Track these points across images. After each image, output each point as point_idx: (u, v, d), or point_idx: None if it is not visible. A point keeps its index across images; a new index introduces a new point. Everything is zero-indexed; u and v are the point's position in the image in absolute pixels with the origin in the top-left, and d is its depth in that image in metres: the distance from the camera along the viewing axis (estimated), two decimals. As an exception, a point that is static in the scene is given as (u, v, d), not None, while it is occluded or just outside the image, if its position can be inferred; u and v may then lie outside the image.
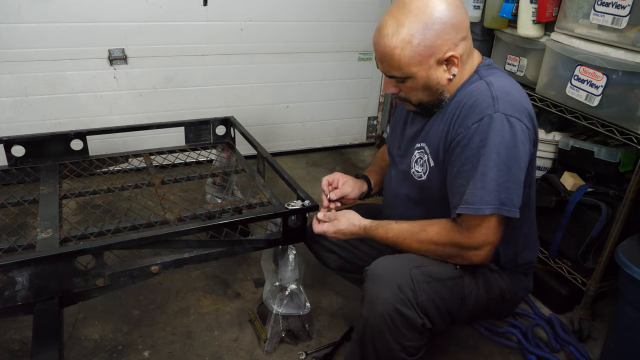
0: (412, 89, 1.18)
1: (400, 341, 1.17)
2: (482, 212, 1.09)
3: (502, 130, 1.08)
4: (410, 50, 1.10)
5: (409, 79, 1.16)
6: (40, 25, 2.31)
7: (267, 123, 3.01)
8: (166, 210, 1.59)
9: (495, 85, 1.13)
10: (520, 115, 1.11)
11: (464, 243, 1.16)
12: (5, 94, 2.39)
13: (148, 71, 2.60)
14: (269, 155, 1.77)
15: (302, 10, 2.77)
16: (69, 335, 1.66)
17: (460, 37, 1.12)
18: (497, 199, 1.09)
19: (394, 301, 1.14)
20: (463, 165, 1.13)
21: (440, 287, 1.20)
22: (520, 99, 1.15)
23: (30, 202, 1.61)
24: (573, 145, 1.81)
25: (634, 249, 1.48)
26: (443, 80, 1.16)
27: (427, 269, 1.20)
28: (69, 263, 1.21)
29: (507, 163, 1.09)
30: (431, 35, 1.09)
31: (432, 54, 1.11)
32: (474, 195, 1.10)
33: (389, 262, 1.22)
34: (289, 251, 1.52)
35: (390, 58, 1.12)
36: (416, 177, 1.28)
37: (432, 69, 1.13)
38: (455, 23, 1.10)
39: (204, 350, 1.65)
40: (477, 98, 1.13)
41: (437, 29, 1.08)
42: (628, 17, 1.49)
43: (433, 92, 1.18)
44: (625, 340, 1.50)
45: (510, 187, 1.10)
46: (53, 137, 1.74)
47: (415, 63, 1.12)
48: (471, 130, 1.11)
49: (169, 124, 1.97)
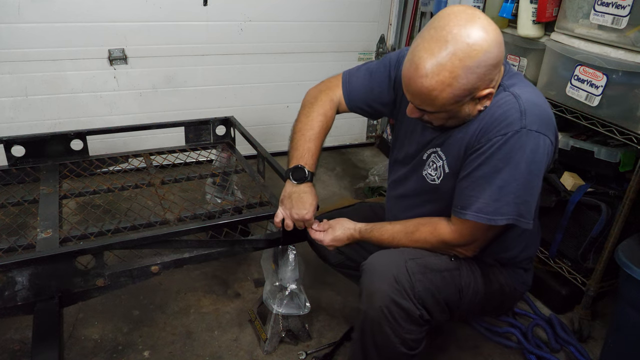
0: (439, 118, 1.15)
1: (399, 334, 1.18)
2: (494, 222, 1.11)
3: (527, 146, 1.07)
4: (449, 92, 1.04)
5: (440, 113, 1.12)
6: (40, 25, 2.31)
7: (267, 123, 3.01)
8: (166, 210, 1.59)
9: (523, 98, 1.10)
10: (546, 130, 1.09)
11: (454, 242, 1.20)
12: (5, 94, 2.39)
13: (148, 71, 2.60)
14: (269, 155, 1.77)
15: (302, 10, 2.77)
16: (69, 335, 1.66)
17: (497, 71, 1.08)
18: (516, 212, 1.10)
19: (391, 293, 1.15)
20: (479, 175, 1.12)
21: (437, 278, 1.21)
22: (547, 109, 1.13)
23: (30, 202, 1.61)
24: (573, 145, 1.81)
25: (634, 249, 1.48)
26: (474, 112, 1.13)
27: (423, 260, 1.22)
28: (69, 263, 1.21)
29: (528, 177, 1.09)
30: (473, 80, 1.04)
31: (470, 94, 1.07)
32: (489, 206, 1.10)
33: (384, 255, 1.24)
34: (289, 251, 1.52)
35: (427, 97, 1.07)
36: (429, 180, 1.27)
37: (466, 104, 1.10)
38: (496, 63, 1.05)
39: (204, 350, 1.65)
40: (505, 110, 1.10)
41: (480, 72, 1.03)
42: (628, 17, 1.49)
43: (460, 120, 1.15)
44: (625, 340, 1.50)
45: (529, 201, 1.11)
46: (53, 137, 1.74)
47: (451, 103, 1.07)
48: (493, 142, 1.09)
49: (169, 124, 1.97)
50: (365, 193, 2.69)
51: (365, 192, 2.69)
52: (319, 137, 1.40)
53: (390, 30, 3.03)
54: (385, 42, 3.05)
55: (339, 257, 1.57)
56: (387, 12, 2.98)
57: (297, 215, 1.30)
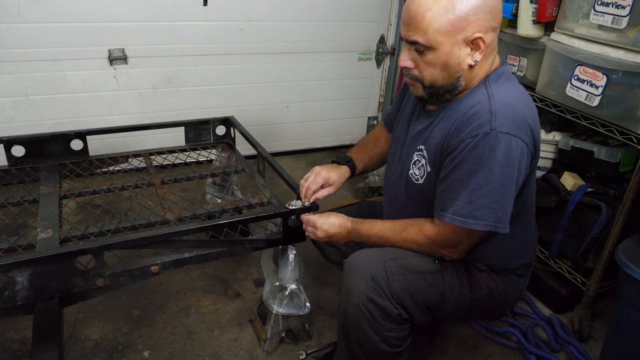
0: (430, 64, 1.13)
1: (379, 332, 1.19)
2: (469, 226, 1.12)
3: (497, 149, 1.07)
4: (443, 15, 1.06)
5: (430, 51, 1.11)
6: (40, 25, 2.31)
7: (267, 123, 3.01)
8: (166, 210, 1.59)
9: (496, 98, 1.11)
10: (517, 132, 1.08)
11: (439, 242, 1.21)
12: (5, 94, 2.39)
13: (148, 71, 2.60)
14: (269, 155, 1.77)
15: (302, 10, 2.77)
16: (69, 335, 1.66)
17: (493, 25, 1.11)
18: (493, 217, 1.11)
19: (368, 291, 1.17)
20: (455, 178, 1.13)
21: (417, 279, 1.22)
22: (522, 110, 1.12)
23: (30, 202, 1.61)
24: (573, 145, 1.81)
25: (634, 249, 1.48)
26: (464, 63, 1.12)
27: (404, 261, 1.23)
28: (69, 263, 1.21)
29: (502, 181, 1.09)
30: (468, 9, 1.06)
31: (463, 29, 1.08)
32: (463, 209, 1.12)
33: (365, 254, 1.25)
34: (289, 251, 1.52)
35: (422, 18, 1.08)
36: (414, 179, 1.28)
37: (457, 45, 1.10)
38: (492, 7, 1.09)
39: (204, 350, 1.65)
40: (477, 110, 1.11)
41: (476, 4, 1.07)
42: (628, 17, 1.49)
43: (451, 73, 1.13)
44: (625, 340, 1.50)
45: (505, 206, 1.12)
46: (53, 137, 1.74)
47: (443, 32, 1.08)
48: (464, 144, 1.10)
49: (169, 124, 1.97)
50: (365, 193, 2.69)
51: (365, 192, 2.69)
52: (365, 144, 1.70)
53: (390, 30, 3.02)
54: (385, 42, 3.05)
55: (339, 256, 1.57)
56: (387, 12, 2.98)
57: (302, 179, 1.45)
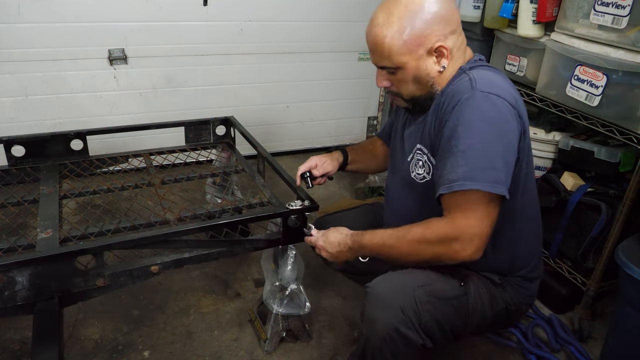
0: (402, 81, 1.19)
1: (397, 357, 1.19)
2: (463, 187, 1.04)
3: (481, 106, 1.07)
4: (399, 39, 1.12)
5: (399, 70, 1.17)
6: (40, 25, 2.31)
7: (267, 123, 3.01)
8: (166, 210, 1.59)
9: (475, 75, 1.13)
10: (501, 93, 1.09)
11: (450, 234, 1.08)
12: (5, 94, 2.39)
13: (148, 71, 2.60)
14: (269, 155, 1.77)
15: (302, 10, 2.77)
16: (69, 335, 1.66)
17: (450, 30, 1.14)
18: (489, 178, 1.04)
19: (396, 322, 1.14)
20: (443, 148, 1.11)
21: (444, 306, 1.19)
22: (503, 84, 1.13)
23: (30, 202, 1.61)
24: (573, 145, 1.81)
25: (634, 249, 1.48)
26: (433, 72, 1.17)
27: (431, 287, 1.19)
28: (69, 263, 1.21)
29: (490, 138, 1.06)
30: (420, 25, 1.11)
31: (421, 44, 1.13)
32: (455, 173, 1.05)
33: (390, 280, 1.20)
34: (289, 251, 1.52)
35: (381, 47, 1.14)
36: (419, 180, 1.26)
37: (422, 59, 1.15)
38: (444, 15, 1.12)
39: (204, 350, 1.65)
40: (457, 86, 1.14)
41: (426, 18, 1.11)
42: (628, 17, 1.49)
43: (423, 84, 1.18)
44: (625, 340, 1.50)
45: (498, 166, 1.05)
46: (53, 137, 1.74)
47: (405, 52, 1.13)
48: (449, 115, 1.11)
49: (169, 124, 1.97)
50: (365, 193, 2.69)
51: (365, 192, 2.69)
52: (358, 144, 1.70)
53: (390, 30, 3.02)
54: (385, 42, 3.05)
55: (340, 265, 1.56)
56: (387, 12, 2.98)
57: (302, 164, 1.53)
